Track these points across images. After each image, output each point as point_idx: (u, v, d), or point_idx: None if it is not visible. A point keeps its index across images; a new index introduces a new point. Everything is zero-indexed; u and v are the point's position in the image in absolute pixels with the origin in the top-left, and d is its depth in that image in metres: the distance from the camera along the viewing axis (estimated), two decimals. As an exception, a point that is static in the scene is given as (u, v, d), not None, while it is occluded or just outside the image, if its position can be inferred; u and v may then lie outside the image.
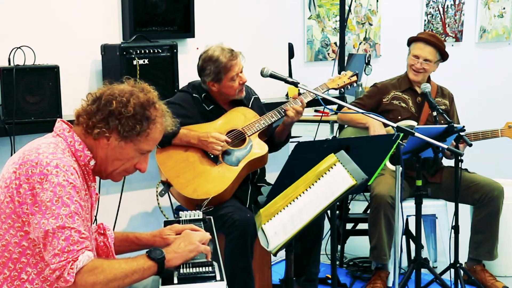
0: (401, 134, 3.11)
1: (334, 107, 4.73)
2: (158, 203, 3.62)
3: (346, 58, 5.15)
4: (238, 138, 3.69)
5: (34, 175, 2.12)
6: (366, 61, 4.93)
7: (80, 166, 2.26)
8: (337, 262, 4.52)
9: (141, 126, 2.26)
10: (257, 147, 3.66)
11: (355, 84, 3.95)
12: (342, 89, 3.97)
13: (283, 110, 3.71)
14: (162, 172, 3.60)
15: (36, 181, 2.12)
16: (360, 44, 6.55)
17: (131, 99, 2.25)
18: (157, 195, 3.61)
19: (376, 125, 4.12)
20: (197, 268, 2.22)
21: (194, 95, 3.72)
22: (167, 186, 3.60)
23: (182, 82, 3.87)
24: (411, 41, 4.35)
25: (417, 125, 4.18)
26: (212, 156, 3.61)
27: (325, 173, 2.44)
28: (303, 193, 2.44)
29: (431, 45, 4.25)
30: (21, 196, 2.13)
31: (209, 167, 3.59)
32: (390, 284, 4.12)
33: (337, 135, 4.72)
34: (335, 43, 6.12)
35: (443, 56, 4.30)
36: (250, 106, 3.83)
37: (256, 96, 3.92)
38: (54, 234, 2.07)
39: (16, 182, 2.14)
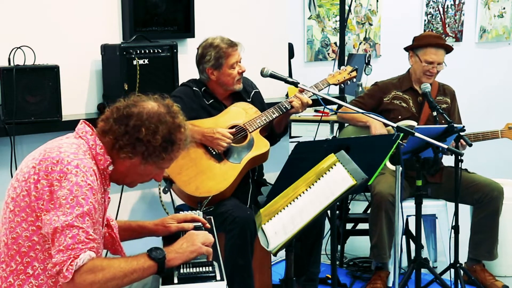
0: (401, 134, 3.12)
1: (334, 107, 4.73)
2: (161, 201, 3.61)
3: (346, 58, 5.16)
4: (239, 134, 3.69)
5: (54, 172, 2.15)
6: (366, 61, 4.93)
7: (99, 170, 2.29)
8: (337, 262, 4.52)
9: (166, 153, 2.29)
10: (259, 144, 3.65)
11: (354, 80, 3.95)
12: (342, 85, 3.97)
13: (284, 106, 3.69)
14: None
15: (55, 178, 2.14)
16: (360, 44, 6.55)
17: (160, 127, 2.26)
18: (159, 192, 3.61)
19: (377, 124, 4.12)
20: (197, 268, 2.22)
21: (194, 88, 3.71)
22: (170, 183, 3.58)
23: (182, 82, 3.87)
24: (418, 46, 4.29)
25: (418, 125, 4.18)
26: (214, 152, 3.60)
27: (325, 173, 2.44)
28: (303, 193, 2.44)
29: (442, 48, 4.25)
30: (38, 191, 2.15)
31: (211, 164, 3.58)
32: (390, 284, 4.12)
33: (337, 135, 4.72)
34: (335, 43, 6.12)
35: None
36: (250, 99, 3.81)
37: (257, 90, 3.90)
38: (62, 231, 2.09)
39: (35, 177, 2.16)
